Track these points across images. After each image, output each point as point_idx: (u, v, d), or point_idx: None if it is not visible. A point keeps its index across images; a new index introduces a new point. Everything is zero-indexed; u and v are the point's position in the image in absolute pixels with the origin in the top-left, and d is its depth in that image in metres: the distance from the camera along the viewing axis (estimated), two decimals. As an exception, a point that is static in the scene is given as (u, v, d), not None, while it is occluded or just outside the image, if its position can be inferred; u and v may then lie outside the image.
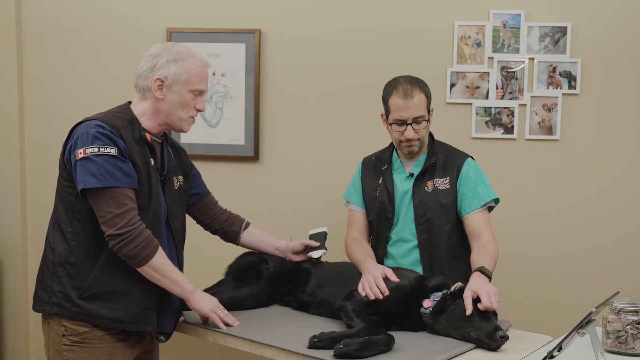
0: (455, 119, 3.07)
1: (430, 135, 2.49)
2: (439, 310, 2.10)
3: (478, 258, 2.26)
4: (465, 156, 2.45)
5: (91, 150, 1.89)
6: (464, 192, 2.38)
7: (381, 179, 2.50)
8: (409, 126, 2.33)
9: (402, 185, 2.45)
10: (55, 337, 1.99)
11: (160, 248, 1.98)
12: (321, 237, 2.50)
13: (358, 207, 2.58)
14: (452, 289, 2.13)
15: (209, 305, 2.12)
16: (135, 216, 1.92)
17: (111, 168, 1.89)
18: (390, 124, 2.38)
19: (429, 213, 2.39)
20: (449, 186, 2.39)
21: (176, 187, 2.19)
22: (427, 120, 2.36)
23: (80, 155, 1.89)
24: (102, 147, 1.89)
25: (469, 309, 2.01)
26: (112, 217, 1.89)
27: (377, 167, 2.54)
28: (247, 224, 2.51)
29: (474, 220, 2.37)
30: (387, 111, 2.40)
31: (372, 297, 2.15)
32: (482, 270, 2.17)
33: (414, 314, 2.14)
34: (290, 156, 3.25)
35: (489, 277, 2.17)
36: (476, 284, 2.08)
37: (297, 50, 3.20)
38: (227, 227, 2.46)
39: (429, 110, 2.38)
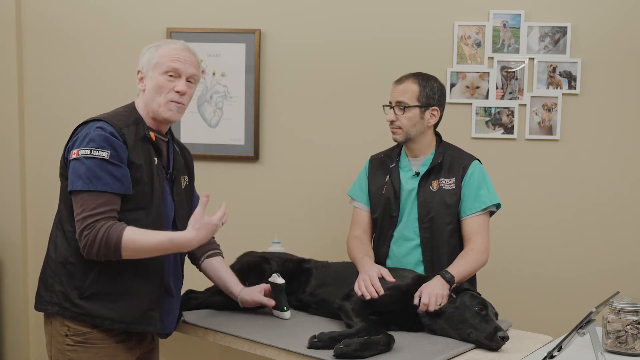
0: (455, 119, 3.07)
1: (438, 135, 2.52)
2: (437, 312, 2.10)
3: (455, 262, 2.30)
4: (472, 158, 2.46)
5: (83, 152, 1.88)
6: (466, 194, 2.40)
7: (388, 176, 2.51)
8: (392, 109, 2.42)
9: (408, 183, 2.46)
10: (58, 337, 1.99)
11: (126, 234, 1.86)
12: (279, 290, 2.27)
13: (363, 204, 2.58)
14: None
15: (203, 233, 1.95)
16: (96, 220, 1.86)
17: (100, 172, 1.87)
18: (385, 109, 2.50)
19: (432, 212, 2.40)
20: (454, 187, 2.40)
21: (183, 187, 2.18)
22: (409, 108, 2.38)
23: (74, 156, 1.90)
24: (94, 150, 1.88)
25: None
26: (77, 219, 1.88)
27: (384, 165, 2.55)
28: (214, 254, 2.32)
29: (470, 224, 2.39)
30: None
31: (368, 297, 2.16)
32: (442, 274, 2.21)
33: (412, 314, 2.14)
34: (290, 156, 3.25)
35: (449, 282, 2.19)
36: (427, 285, 2.17)
37: (297, 50, 3.20)
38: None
39: (421, 104, 2.39)
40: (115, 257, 1.89)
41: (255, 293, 2.29)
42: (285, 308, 2.27)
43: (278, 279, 2.28)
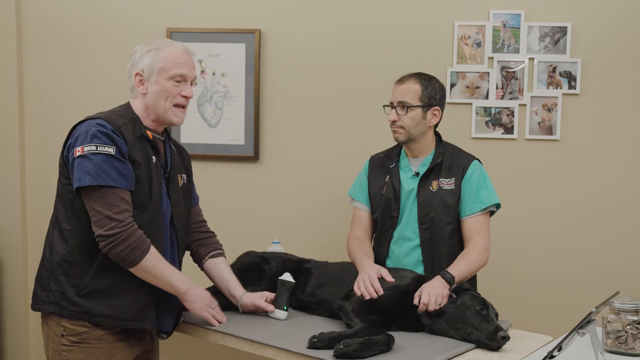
0: (455, 119, 3.07)
1: (438, 135, 2.52)
2: (438, 312, 2.10)
3: (455, 262, 2.30)
4: (471, 158, 2.46)
5: (89, 148, 1.89)
6: (466, 194, 2.40)
7: (388, 176, 2.51)
8: (393, 109, 2.41)
9: (408, 183, 2.46)
10: (54, 338, 1.99)
11: (152, 249, 1.95)
12: (287, 288, 2.30)
13: (363, 204, 2.58)
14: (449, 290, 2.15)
15: (200, 305, 2.10)
16: (127, 218, 1.90)
17: (107, 167, 1.88)
18: (385, 109, 2.49)
19: (432, 212, 2.40)
20: (453, 187, 2.41)
21: (180, 185, 2.19)
22: (411, 108, 2.38)
23: (78, 153, 1.90)
24: (100, 146, 1.89)
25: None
26: (103, 217, 1.88)
27: (384, 165, 2.55)
28: (218, 254, 2.34)
29: (471, 224, 2.39)
30: None
31: (367, 297, 2.16)
32: (442, 275, 2.21)
33: (412, 314, 2.14)
34: (290, 156, 3.25)
35: (449, 282, 2.19)
36: (427, 285, 2.17)
37: (297, 50, 3.20)
38: (195, 247, 2.34)
39: (423, 104, 2.40)
40: (128, 264, 1.92)
41: (256, 298, 2.30)
42: (285, 307, 2.27)
43: (290, 278, 2.31)
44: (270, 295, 2.32)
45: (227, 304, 2.34)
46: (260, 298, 2.30)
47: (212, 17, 3.23)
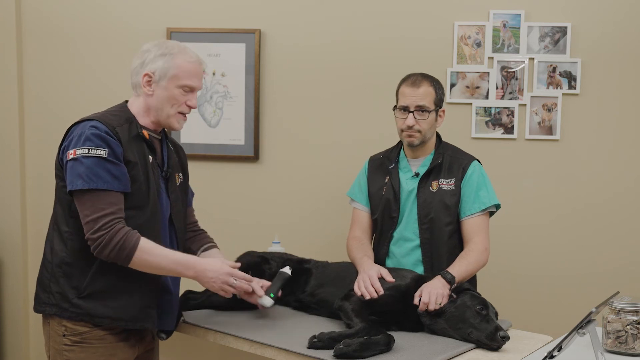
0: (455, 119, 3.07)
1: (438, 136, 2.52)
2: (438, 312, 2.10)
3: (455, 262, 2.30)
4: (471, 159, 2.46)
5: (81, 151, 1.88)
6: (466, 194, 2.40)
7: (388, 177, 2.51)
8: (411, 114, 2.37)
9: (408, 184, 2.46)
10: (56, 337, 1.99)
11: (141, 245, 1.89)
12: (281, 278, 2.29)
13: (362, 205, 2.58)
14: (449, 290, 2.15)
15: (216, 285, 2.02)
16: (111, 220, 1.87)
17: (99, 170, 1.87)
18: (395, 112, 2.44)
19: (432, 213, 2.40)
20: (453, 187, 2.41)
21: (177, 184, 2.19)
22: (430, 112, 2.38)
23: (71, 156, 1.89)
24: (91, 149, 1.88)
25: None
26: (88, 221, 1.88)
27: (384, 166, 2.55)
28: (210, 246, 2.33)
29: (470, 225, 2.39)
30: (396, 100, 2.46)
31: (367, 297, 2.16)
32: (442, 275, 2.21)
33: (412, 314, 2.14)
34: (290, 156, 3.25)
35: (449, 282, 2.19)
36: (428, 284, 2.17)
37: (297, 50, 3.20)
38: (187, 244, 2.33)
39: (436, 106, 2.41)
40: (123, 263, 1.90)
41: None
42: (272, 295, 2.21)
43: (288, 271, 2.29)
44: (267, 283, 2.30)
45: (226, 303, 2.34)
46: (257, 283, 2.28)
47: (212, 17, 3.23)
